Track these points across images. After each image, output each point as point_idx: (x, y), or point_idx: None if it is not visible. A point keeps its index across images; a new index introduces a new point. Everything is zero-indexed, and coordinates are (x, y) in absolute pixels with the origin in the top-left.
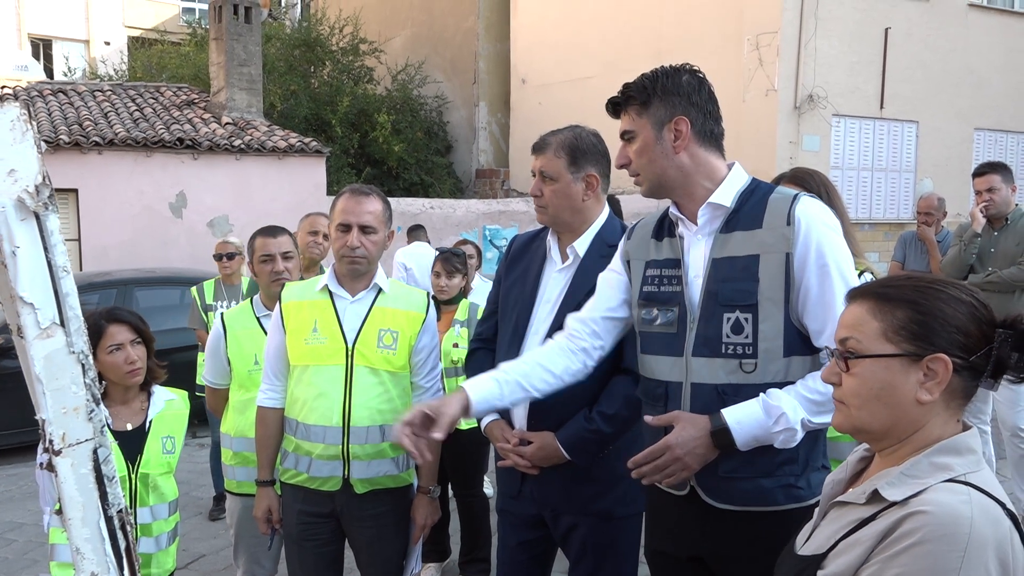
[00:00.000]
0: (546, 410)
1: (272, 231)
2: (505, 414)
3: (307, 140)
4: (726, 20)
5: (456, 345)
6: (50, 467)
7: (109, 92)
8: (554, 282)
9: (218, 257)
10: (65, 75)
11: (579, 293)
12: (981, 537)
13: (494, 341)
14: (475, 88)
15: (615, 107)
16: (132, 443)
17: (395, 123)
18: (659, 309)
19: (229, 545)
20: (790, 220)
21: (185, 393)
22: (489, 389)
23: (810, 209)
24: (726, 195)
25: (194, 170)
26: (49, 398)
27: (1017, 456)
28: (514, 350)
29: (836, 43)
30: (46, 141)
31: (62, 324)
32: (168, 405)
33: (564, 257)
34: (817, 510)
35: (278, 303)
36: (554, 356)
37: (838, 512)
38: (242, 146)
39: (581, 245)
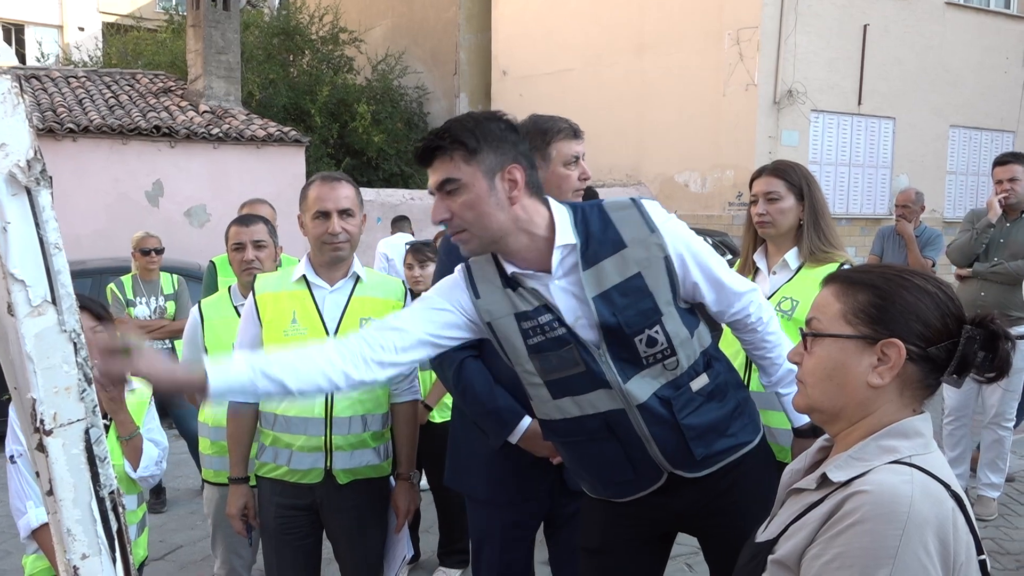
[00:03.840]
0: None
1: (246, 220)
2: None
3: (286, 129)
4: (707, 15)
5: None
6: (40, 448)
7: (84, 78)
8: None
9: (145, 252)
10: (38, 61)
11: None
12: (920, 516)
13: (481, 347)
14: (456, 79)
15: (430, 153)
16: None
17: (375, 113)
18: (555, 355)
19: (206, 536)
20: (652, 227)
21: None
22: (238, 377)
23: (656, 209)
24: (567, 233)
25: (171, 158)
26: (40, 377)
27: (990, 440)
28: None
29: (815, 39)
30: None
31: (54, 302)
32: (129, 394)
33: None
34: (776, 500)
35: (251, 294)
36: (335, 361)
37: (794, 499)
38: (220, 135)
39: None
